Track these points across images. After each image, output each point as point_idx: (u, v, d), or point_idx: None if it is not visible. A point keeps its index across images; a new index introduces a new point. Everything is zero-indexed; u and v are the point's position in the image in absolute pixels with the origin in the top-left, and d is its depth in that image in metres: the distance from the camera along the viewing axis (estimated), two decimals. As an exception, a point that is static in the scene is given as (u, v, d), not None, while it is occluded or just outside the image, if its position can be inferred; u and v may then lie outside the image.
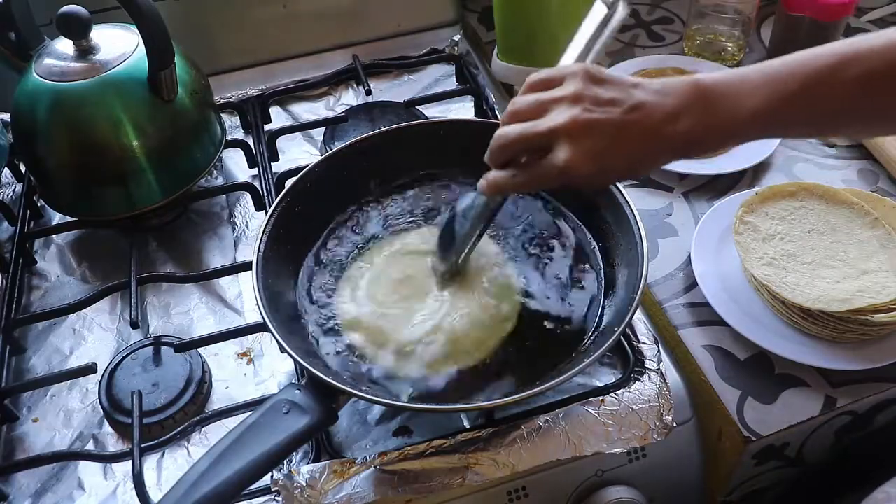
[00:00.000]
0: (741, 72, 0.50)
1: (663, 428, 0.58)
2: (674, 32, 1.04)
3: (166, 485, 0.58)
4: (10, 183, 0.89)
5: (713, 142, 0.51)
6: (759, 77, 0.49)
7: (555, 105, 0.51)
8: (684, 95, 0.50)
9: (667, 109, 0.49)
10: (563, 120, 0.50)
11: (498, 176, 0.55)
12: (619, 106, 0.50)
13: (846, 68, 0.47)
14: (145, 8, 0.69)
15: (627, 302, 0.59)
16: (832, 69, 0.48)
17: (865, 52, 0.47)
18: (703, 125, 0.49)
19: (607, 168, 0.51)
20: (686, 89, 0.50)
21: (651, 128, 0.50)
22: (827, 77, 0.48)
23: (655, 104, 0.50)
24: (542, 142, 0.51)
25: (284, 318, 0.62)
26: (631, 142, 0.50)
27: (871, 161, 0.83)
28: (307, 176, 0.70)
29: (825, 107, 0.49)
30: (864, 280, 0.65)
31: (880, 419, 0.68)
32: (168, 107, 0.75)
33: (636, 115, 0.50)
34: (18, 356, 0.72)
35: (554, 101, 0.51)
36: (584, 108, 0.50)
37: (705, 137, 0.50)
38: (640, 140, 0.50)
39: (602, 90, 0.51)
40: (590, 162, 0.50)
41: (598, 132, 0.50)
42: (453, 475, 0.56)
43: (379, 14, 1.02)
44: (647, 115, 0.49)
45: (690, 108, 0.49)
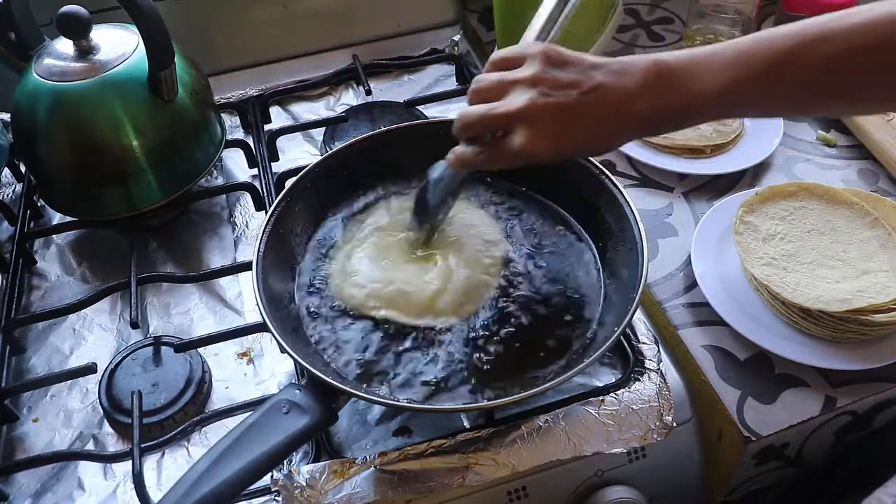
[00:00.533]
0: (703, 51, 0.50)
1: (663, 428, 0.58)
2: (674, 32, 1.04)
3: (166, 485, 0.58)
4: (10, 183, 0.89)
5: (672, 121, 0.52)
6: (722, 57, 0.50)
7: (514, 87, 0.52)
8: (644, 74, 0.50)
9: (626, 90, 0.50)
10: (521, 104, 0.51)
11: (464, 151, 0.57)
12: (576, 88, 0.50)
13: (810, 50, 0.48)
14: (145, 8, 0.69)
15: (627, 302, 0.59)
16: (796, 51, 0.48)
17: (830, 33, 0.48)
18: (662, 105, 0.50)
19: (564, 149, 0.53)
20: (646, 68, 0.50)
21: (609, 109, 0.50)
22: (791, 58, 0.48)
23: (614, 85, 0.50)
24: (501, 124, 0.53)
25: (284, 318, 0.62)
26: (588, 124, 0.51)
27: (871, 161, 0.83)
28: (307, 176, 0.70)
29: (788, 88, 0.49)
30: (864, 280, 0.65)
31: (880, 419, 0.68)
32: (168, 107, 0.75)
33: (594, 97, 0.50)
34: (18, 356, 0.72)
35: (514, 83, 0.52)
36: (541, 92, 0.51)
37: (664, 117, 0.51)
38: (598, 121, 0.51)
39: (561, 72, 0.51)
40: (546, 145, 0.51)
41: (555, 115, 0.51)
42: (453, 475, 0.56)
43: (379, 14, 1.02)
44: (605, 96, 0.50)
45: (650, 87, 0.50)
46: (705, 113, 0.52)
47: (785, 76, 0.49)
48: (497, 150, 0.54)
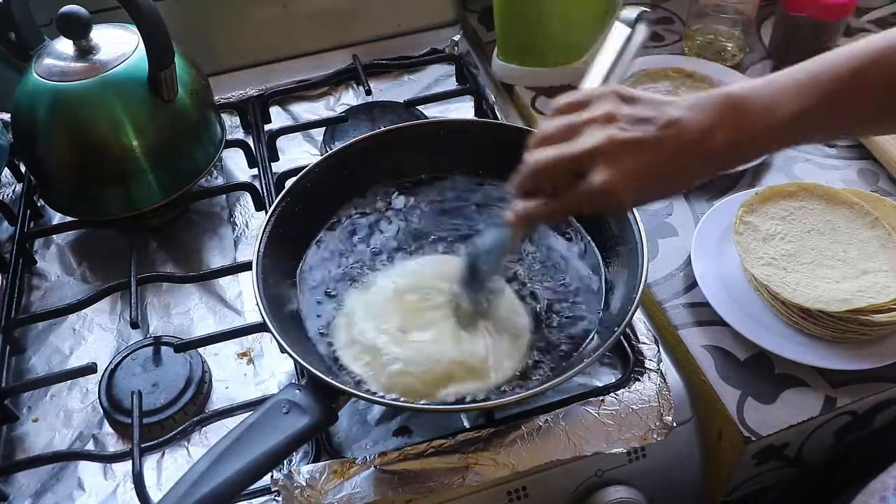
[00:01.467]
0: (771, 80, 0.50)
1: (663, 428, 0.58)
2: (674, 32, 1.04)
3: (166, 485, 0.58)
4: (10, 183, 0.89)
5: (746, 154, 0.51)
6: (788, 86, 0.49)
7: (587, 127, 0.49)
8: (717, 110, 0.49)
9: (702, 125, 0.48)
10: (600, 140, 0.48)
11: (528, 205, 0.52)
12: (654, 124, 0.48)
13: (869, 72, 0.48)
14: (145, 8, 0.69)
15: (627, 302, 0.59)
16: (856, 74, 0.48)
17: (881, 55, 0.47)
18: (739, 139, 0.49)
19: (647, 188, 0.50)
20: (718, 103, 0.49)
21: (688, 144, 0.48)
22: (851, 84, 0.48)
23: (690, 120, 0.48)
24: (577, 164, 0.49)
25: (284, 318, 0.62)
26: (669, 159, 0.49)
27: (871, 161, 0.83)
28: (307, 176, 0.70)
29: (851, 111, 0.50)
30: (864, 280, 0.65)
31: (880, 419, 0.68)
32: (168, 107, 0.75)
33: (672, 131, 0.48)
34: (18, 356, 0.72)
35: (586, 123, 0.49)
36: (619, 128, 0.48)
37: (742, 149, 0.50)
38: (679, 157, 0.49)
39: (634, 109, 0.49)
40: (630, 182, 0.48)
41: (637, 151, 0.48)
42: (453, 475, 0.56)
43: (379, 14, 1.02)
44: (684, 130, 0.48)
45: (724, 121, 0.48)
46: (778, 141, 0.51)
47: (855, 93, 0.48)
48: (571, 196, 0.50)
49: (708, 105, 0.49)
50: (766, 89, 0.49)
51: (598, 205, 0.50)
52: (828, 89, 0.48)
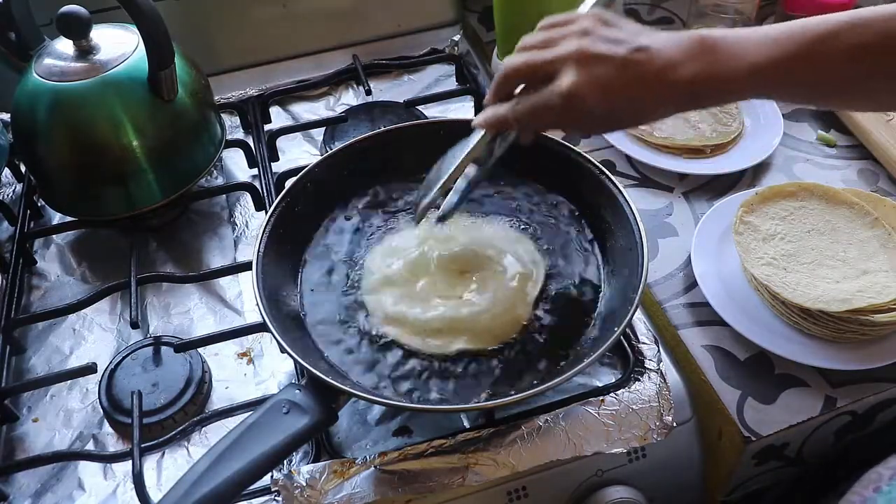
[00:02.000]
0: (746, 30, 0.51)
1: (663, 428, 0.58)
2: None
3: (166, 485, 0.58)
4: (10, 183, 0.89)
5: (711, 94, 0.52)
6: (763, 36, 0.50)
7: (562, 40, 0.52)
8: (688, 45, 0.50)
9: (671, 55, 0.50)
10: (571, 49, 0.51)
11: (498, 108, 0.55)
12: (625, 45, 0.51)
13: (842, 36, 0.48)
14: (145, 8, 0.69)
15: (627, 302, 0.59)
16: (830, 35, 0.49)
17: (862, 22, 0.48)
18: (706, 74, 0.50)
19: (613, 103, 0.51)
20: (692, 40, 0.51)
21: (655, 71, 0.50)
22: (825, 42, 0.49)
23: (660, 49, 0.50)
24: (548, 68, 0.52)
25: (284, 318, 0.62)
26: (635, 82, 0.51)
27: (871, 161, 0.83)
28: (307, 176, 0.70)
29: (820, 71, 0.50)
30: (864, 280, 0.65)
31: (880, 419, 0.68)
32: (168, 107, 0.75)
33: (641, 55, 0.50)
34: (18, 356, 0.72)
35: (562, 37, 0.52)
36: (591, 41, 0.51)
37: (706, 87, 0.51)
38: (644, 81, 0.51)
39: (610, 30, 0.52)
40: (596, 91, 0.50)
41: (605, 63, 0.50)
42: (453, 475, 0.56)
43: (379, 14, 1.01)
44: (652, 57, 0.50)
45: (694, 56, 0.50)
46: (744, 87, 0.51)
47: (818, 60, 0.49)
48: (538, 97, 0.52)
49: (680, 41, 0.51)
50: (741, 36, 0.51)
51: (564, 109, 0.51)
52: (800, 43, 0.49)
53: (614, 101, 0.51)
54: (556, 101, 0.51)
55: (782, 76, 0.50)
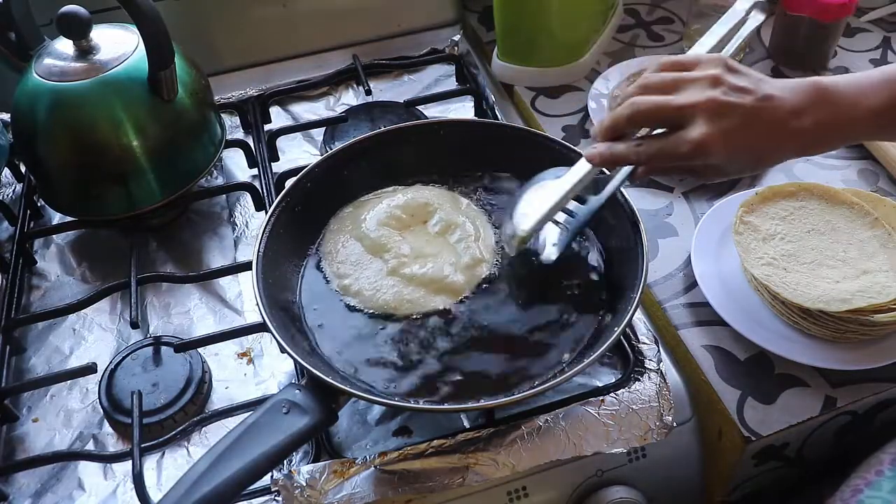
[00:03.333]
0: (857, 75, 0.53)
1: (663, 428, 0.58)
2: (674, 32, 1.04)
3: (166, 485, 0.58)
4: (10, 183, 0.89)
5: (831, 139, 0.53)
6: (874, 80, 0.52)
7: (690, 84, 0.52)
8: (807, 94, 0.52)
9: (793, 104, 0.51)
10: (702, 97, 0.51)
11: (616, 145, 0.55)
12: (753, 94, 0.51)
13: None
14: (145, 8, 0.69)
15: (627, 302, 0.59)
16: None
17: None
18: (827, 122, 0.51)
19: (737, 152, 0.52)
20: (808, 88, 0.52)
21: (781, 120, 0.51)
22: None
23: (783, 98, 0.52)
24: (676, 116, 0.52)
25: (284, 318, 0.62)
26: (760, 131, 0.52)
27: (871, 161, 0.83)
28: (307, 176, 0.70)
29: None
30: (864, 280, 0.65)
31: (880, 419, 0.68)
32: (168, 107, 0.75)
33: (767, 104, 0.51)
34: (18, 356, 0.72)
35: (690, 81, 0.53)
36: (722, 91, 0.51)
37: (827, 134, 0.52)
38: (769, 130, 0.52)
39: (737, 78, 0.52)
40: (723, 141, 0.51)
41: (734, 115, 0.51)
42: (453, 475, 0.56)
43: (379, 14, 1.02)
44: (777, 106, 0.51)
45: (813, 105, 0.51)
46: (861, 131, 0.54)
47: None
48: (664, 144, 0.53)
49: (799, 89, 0.52)
50: (853, 81, 0.53)
51: (688, 157, 0.52)
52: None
53: (739, 152, 0.52)
54: (684, 150, 0.52)
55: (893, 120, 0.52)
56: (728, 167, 0.54)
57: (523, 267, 0.67)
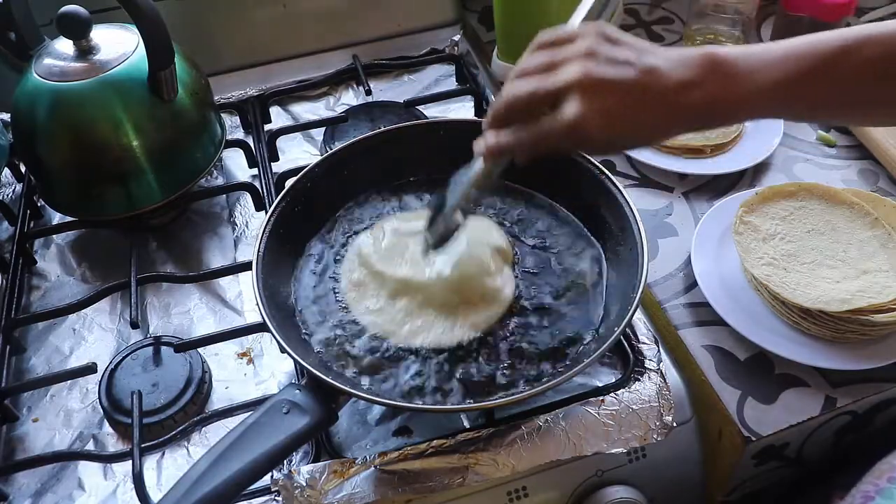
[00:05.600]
0: (756, 47, 0.49)
1: (663, 428, 0.58)
2: (674, 32, 1.04)
3: (166, 485, 0.58)
4: (10, 183, 0.89)
5: (723, 115, 0.50)
6: (774, 54, 0.49)
7: (566, 62, 0.49)
8: (699, 66, 0.48)
9: (681, 77, 0.48)
10: (576, 74, 0.48)
11: (500, 136, 0.52)
12: (633, 67, 0.48)
13: (856, 51, 0.47)
14: (145, 8, 0.69)
15: (627, 302, 0.59)
16: (843, 51, 0.47)
17: (876, 36, 0.47)
18: (716, 97, 0.48)
19: (618, 130, 0.49)
20: (701, 60, 0.48)
21: (664, 93, 0.48)
22: (838, 58, 0.48)
23: (670, 70, 0.48)
24: (552, 97, 0.49)
25: (284, 318, 0.62)
26: (643, 105, 0.48)
27: (871, 161, 0.83)
28: (307, 176, 0.70)
29: (834, 88, 0.49)
30: (864, 280, 0.65)
31: (880, 419, 0.68)
32: (168, 107, 0.75)
33: (650, 77, 0.48)
34: (18, 356, 0.72)
35: (565, 59, 0.49)
36: (597, 64, 0.48)
37: (716, 110, 0.49)
38: (653, 105, 0.48)
39: (616, 49, 0.49)
40: (601, 120, 0.48)
41: (612, 89, 0.48)
42: (453, 475, 0.56)
43: (379, 14, 1.01)
44: (661, 80, 0.48)
45: (704, 78, 0.48)
46: (757, 108, 0.50)
47: (832, 77, 0.48)
48: (542, 126, 0.50)
49: (690, 60, 0.48)
50: (752, 54, 0.49)
51: (566, 139, 0.49)
52: (811, 62, 0.48)
53: (620, 128, 0.49)
54: (560, 131, 0.49)
55: (794, 95, 0.49)
56: (613, 142, 0.50)
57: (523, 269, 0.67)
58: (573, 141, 0.49)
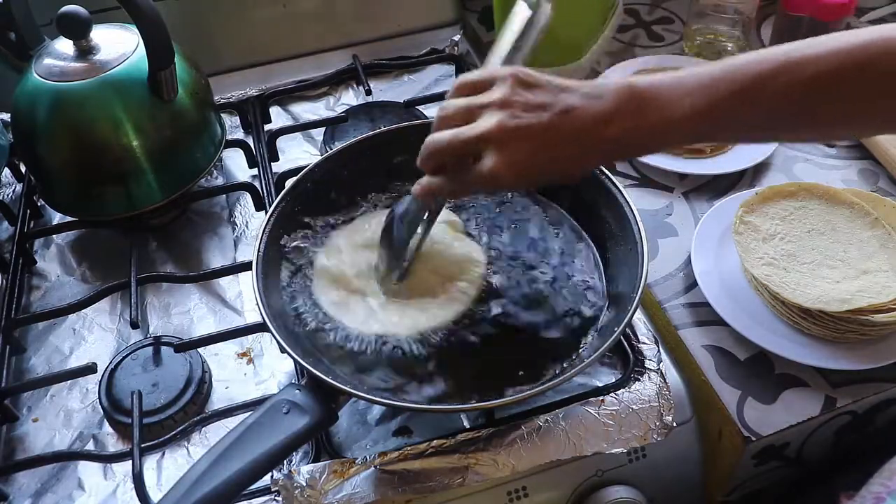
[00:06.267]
0: (677, 75, 0.50)
1: (663, 428, 0.58)
2: (674, 32, 1.04)
3: (166, 485, 0.58)
4: (10, 183, 0.89)
5: (642, 144, 0.51)
6: (693, 81, 0.49)
7: (483, 111, 0.50)
8: (616, 98, 0.49)
9: (598, 112, 0.49)
10: (490, 126, 0.49)
11: (431, 181, 0.54)
12: (548, 111, 0.49)
13: (775, 78, 0.47)
14: (145, 8, 0.69)
15: (627, 302, 0.59)
16: (762, 78, 0.47)
17: (797, 60, 0.47)
18: (634, 128, 0.49)
19: (534, 175, 0.51)
20: (619, 92, 0.49)
21: (582, 131, 0.49)
22: (756, 85, 0.48)
23: (586, 107, 0.49)
24: (469, 149, 0.51)
25: (284, 318, 0.62)
26: (559, 145, 0.49)
27: (871, 161, 0.83)
28: (307, 176, 0.70)
29: (752, 114, 0.49)
30: (864, 280, 0.65)
31: (880, 419, 0.68)
32: (168, 107, 0.75)
33: (565, 119, 0.49)
34: (18, 356, 0.72)
35: (482, 107, 0.50)
36: (511, 115, 0.49)
37: (635, 141, 0.50)
38: (569, 143, 0.49)
39: (531, 94, 0.50)
40: (515, 170, 0.49)
41: (525, 138, 0.49)
42: (453, 475, 0.56)
43: (379, 14, 1.02)
44: (577, 118, 0.49)
45: (622, 110, 0.49)
46: (676, 136, 0.50)
47: (755, 100, 0.48)
48: (465, 178, 0.52)
49: (608, 94, 0.49)
50: (669, 83, 0.49)
51: (485, 186, 0.52)
52: (729, 90, 0.48)
53: (536, 172, 0.51)
54: (479, 181, 0.51)
55: (709, 124, 0.49)
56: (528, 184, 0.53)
57: (523, 271, 0.67)
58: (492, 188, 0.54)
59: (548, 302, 0.65)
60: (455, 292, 0.65)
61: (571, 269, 0.67)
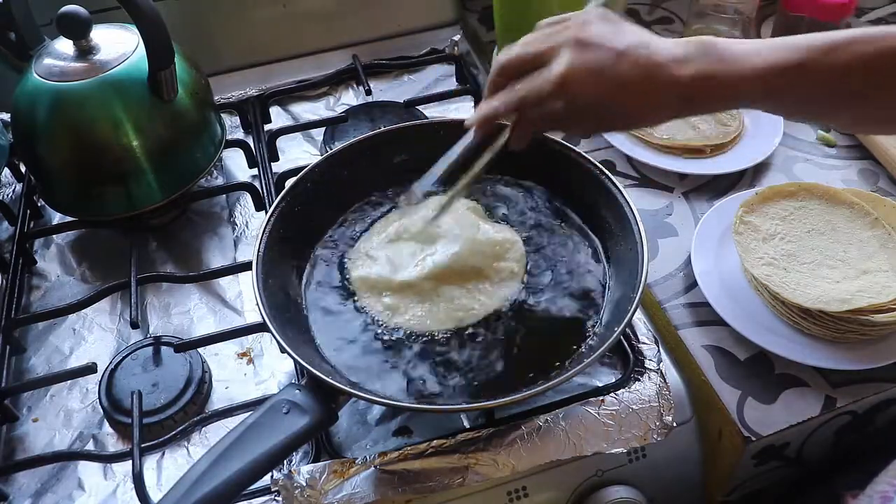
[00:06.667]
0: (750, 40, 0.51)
1: (663, 428, 0.58)
2: (674, 32, 1.04)
3: (166, 485, 0.58)
4: (10, 183, 0.89)
5: (713, 95, 0.50)
6: (764, 45, 0.50)
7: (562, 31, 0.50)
8: (692, 45, 0.49)
9: (673, 52, 0.49)
10: (567, 36, 0.49)
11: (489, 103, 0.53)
12: (625, 38, 0.49)
13: (842, 48, 0.48)
14: (145, 8, 0.69)
15: (627, 302, 0.59)
16: (830, 48, 0.48)
17: (861, 37, 0.48)
18: (707, 75, 0.49)
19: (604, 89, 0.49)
20: (695, 41, 0.50)
21: (654, 65, 0.48)
22: (823, 54, 0.48)
23: (663, 46, 0.49)
24: (543, 58, 0.50)
25: (284, 318, 0.62)
26: (634, 74, 0.48)
27: (871, 161, 0.83)
28: (307, 176, 0.70)
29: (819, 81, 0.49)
30: (864, 280, 0.65)
31: (880, 419, 0.68)
32: (168, 107, 0.75)
33: (642, 50, 0.49)
34: (18, 356, 0.72)
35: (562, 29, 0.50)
36: (593, 31, 0.49)
37: (706, 89, 0.49)
38: (643, 72, 0.49)
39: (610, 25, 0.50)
40: (589, 75, 0.48)
41: (601, 51, 0.48)
42: (453, 475, 0.56)
43: (379, 14, 1.02)
44: (653, 52, 0.49)
45: (697, 56, 0.49)
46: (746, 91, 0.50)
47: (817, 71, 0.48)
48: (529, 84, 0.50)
49: (683, 42, 0.50)
50: (745, 43, 0.50)
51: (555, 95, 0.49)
52: (803, 54, 0.48)
53: (607, 87, 0.49)
54: (548, 87, 0.49)
55: (782, 85, 0.49)
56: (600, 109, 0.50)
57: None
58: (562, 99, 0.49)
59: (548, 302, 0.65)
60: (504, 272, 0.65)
61: (571, 268, 0.67)
